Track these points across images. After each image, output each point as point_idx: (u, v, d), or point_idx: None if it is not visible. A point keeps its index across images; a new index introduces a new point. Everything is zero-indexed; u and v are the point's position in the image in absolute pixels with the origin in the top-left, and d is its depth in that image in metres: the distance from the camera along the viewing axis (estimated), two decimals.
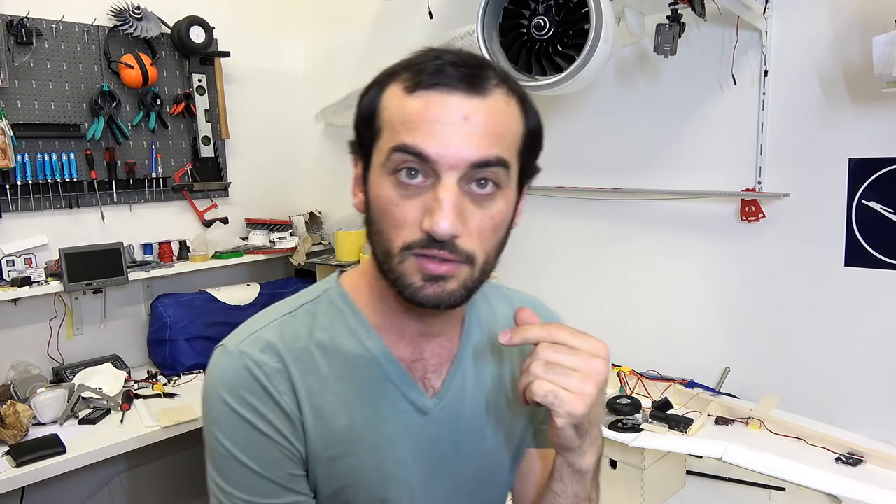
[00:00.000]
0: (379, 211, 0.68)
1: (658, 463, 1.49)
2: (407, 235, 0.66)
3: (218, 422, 0.72)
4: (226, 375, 0.73)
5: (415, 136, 0.64)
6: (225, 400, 0.72)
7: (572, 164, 2.16)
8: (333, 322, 0.77)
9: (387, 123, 0.68)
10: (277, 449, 0.72)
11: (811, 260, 1.68)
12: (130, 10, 2.38)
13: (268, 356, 0.73)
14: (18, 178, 2.19)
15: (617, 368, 1.81)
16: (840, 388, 1.66)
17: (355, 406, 0.75)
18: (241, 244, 2.69)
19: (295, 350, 0.74)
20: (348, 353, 0.75)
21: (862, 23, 1.53)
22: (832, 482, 1.24)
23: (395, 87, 0.68)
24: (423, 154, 0.64)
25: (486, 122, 0.65)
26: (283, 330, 0.75)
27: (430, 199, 0.65)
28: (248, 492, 0.72)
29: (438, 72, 0.65)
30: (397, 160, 0.65)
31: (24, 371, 2.19)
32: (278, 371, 0.73)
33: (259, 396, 0.72)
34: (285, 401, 0.72)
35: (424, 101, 0.65)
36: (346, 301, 0.78)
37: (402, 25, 2.53)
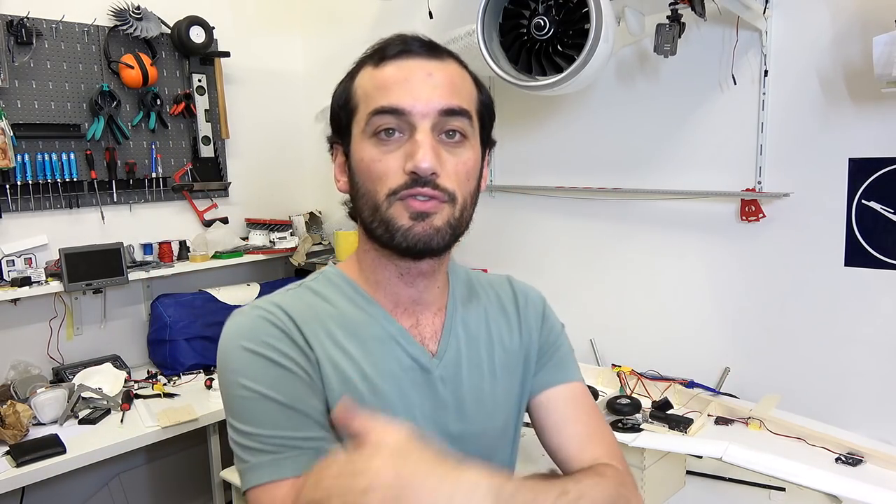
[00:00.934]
0: (363, 173, 0.76)
1: (658, 463, 1.49)
2: (391, 182, 0.74)
3: (240, 370, 0.74)
4: (242, 328, 0.77)
5: (388, 96, 0.74)
6: (245, 347, 0.75)
7: (572, 164, 2.16)
8: (333, 293, 0.83)
9: (361, 97, 0.77)
10: (303, 383, 0.75)
11: (811, 260, 1.68)
12: (130, 10, 2.38)
13: (280, 311, 0.78)
14: (18, 178, 2.19)
15: (617, 368, 1.81)
16: (840, 388, 1.66)
17: (365, 361, 0.78)
18: (241, 244, 2.69)
19: (302, 312, 0.79)
20: (351, 316, 0.81)
21: (862, 23, 1.53)
22: (832, 482, 1.24)
23: (364, 69, 0.79)
24: (398, 108, 0.73)
25: (447, 78, 0.76)
26: (288, 298, 0.81)
27: (410, 147, 0.73)
28: (280, 426, 0.72)
29: (401, 44, 0.77)
30: (376, 123, 0.74)
31: (24, 371, 2.19)
32: (291, 321, 0.77)
33: (278, 338, 0.75)
34: (302, 342, 0.76)
35: (392, 68, 0.76)
36: (342, 277, 0.85)
37: (402, 25, 2.51)
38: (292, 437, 0.72)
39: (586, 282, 2.17)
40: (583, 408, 0.91)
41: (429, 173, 0.72)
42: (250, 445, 0.72)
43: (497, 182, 2.39)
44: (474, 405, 0.84)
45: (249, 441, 0.72)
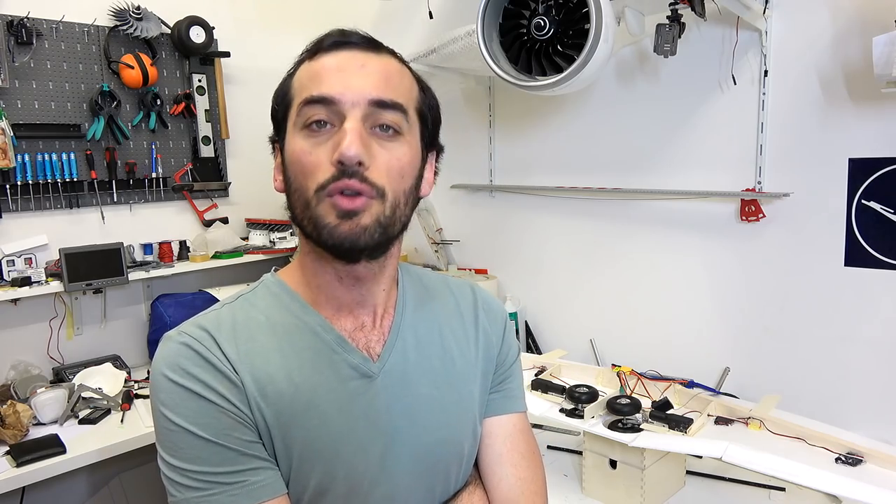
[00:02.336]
0: (294, 166, 0.74)
1: (658, 463, 1.49)
2: (320, 176, 0.71)
3: (165, 401, 0.73)
4: (167, 356, 0.75)
5: (319, 85, 0.73)
6: (168, 377, 0.73)
7: (572, 164, 2.17)
8: (269, 304, 0.81)
9: (296, 90, 0.76)
10: (227, 415, 0.73)
11: (811, 260, 1.68)
12: (130, 10, 2.38)
13: (205, 334, 0.76)
14: (18, 178, 2.19)
15: (617, 368, 1.81)
16: (840, 388, 1.66)
17: (297, 374, 0.76)
18: (241, 244, 2.69)
19: (233, 329, 0.77)
20: (286, 327, 0.79)
21: (862, 23, 1.53)
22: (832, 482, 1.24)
23: (301, 64, 0.78)
24: (328, 97, 0.72)
25: (381, 70, 0.75)
26: (219, 315, 0.79)
27: (338, 136, 0.71)
28: (206, 463, 0.71)
29: (338, 36, 0.76)
30: (307, 114, 0.73)
31: (24, 371, 2.19)
32: (216, 345, 0.75)
33: (201, 366, 0.73)
34: (227, 368, 0.74)
35: (327, 58, 0.75)
36: (280, 285, 0.82)
37: (402, 25, 2.53)
38: (217, 473, 0.71)
39: (586, 281, 2.17)
40: (519, 448, 0.90)
41: (354, 161, 0.70)
42: (177, 480, 0.72)
43: (497, 182, 2.39)
44: (426, 414, 0.81)
45: (176, 475, 0.72)
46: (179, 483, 0.72)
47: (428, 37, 2.27)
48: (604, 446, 1.51)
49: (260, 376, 0.75)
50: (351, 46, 0.75)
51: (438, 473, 0.84)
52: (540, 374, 1.74)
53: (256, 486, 0.72)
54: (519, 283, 2.37)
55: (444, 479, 0.85)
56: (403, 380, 0.80)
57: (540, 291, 2.31)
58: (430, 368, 0.83)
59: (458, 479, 0.87)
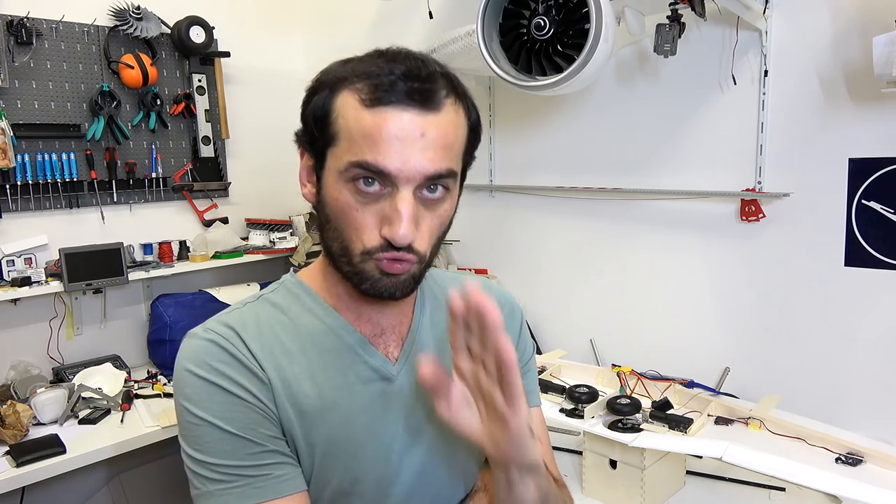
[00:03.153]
0: (338, 213, 0.73)
1: (658, 463, 1.49)
2: (366, 241, 0.72)
3: (190, 396, 0.74)
4: (193, 352, 0.76)
5: (375, 153, 0.68)
6: (194, 372, 0.74)
7: (572, 164, 2.16)
8: (291, 305, 0.82)
9: (344, 132, 0.71)
10: (253, 410, 0.74)
11: (811, 260, 1.68)
12: (130, 10, 2.38)
13: (231, 331, 0.77)
14: (18, 178, 2.19)
15: (617, 368, 1.81)
16: (840, 388, 1.66)
17: (321, 375, 0.77)
18: (241, 244, 2.69)
19: (257, 327, 0.78)
20: (308, 328, 0.80)
21: (862, 23, 1.53)
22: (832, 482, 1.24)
23: (350, 96, 0.71)
24: (384, 171, 0.69)
25: (439, 137, 0.71)
26: (243, 314, 0.80)
27: (389, 209, 0.70)
28: (230, 456, 0.72)
29: (393, 87, 0.69)
30: (355, 173, 0.70)
31: (24, 371, 2.19)
32: (242, 342, 0.76)
33: (227, 363, 0.74)
34: (254, 364, 0.75)
35: (383, 118, 0.69)
36: (302, 287, 0.83)
37: (402, 25, 2.53)
38: (241, 467, 0.72)
39: (586, 282, 2.17)
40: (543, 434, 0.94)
41: (405, 245, 0.70)
42: (201, 473, 0.73)
43: (497, 182, 2.39)
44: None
45: (200, 468, 0.73)
46: (204, 476, 0.73)
47: (428, 37, 2.27)
48: (604, 446, 1.51)
49: (285, 375, 0.76)
50: (409, 104, 0.69)
51: (456, 473, 0.86)
52: (540, 374, 1.74)
53: (280, 480, 0.74)
54: (519, 283, 2.37)
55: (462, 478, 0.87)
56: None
57: (540, 291, 2.31)
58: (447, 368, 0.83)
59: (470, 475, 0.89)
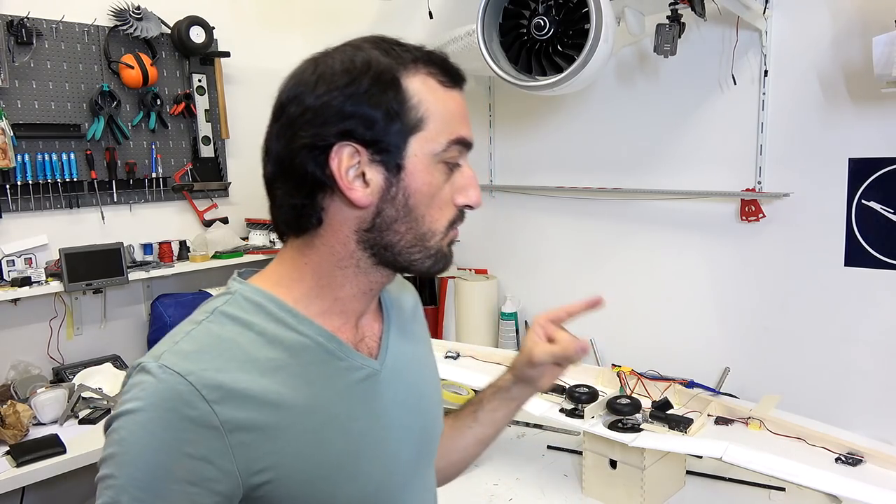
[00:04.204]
0: (427, 198, 0.72)
1: (658, 463, 1.49)
2: (449, 213, 0.75)
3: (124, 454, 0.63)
4: (153, 426, 0.62)
5: (465, 129, 0.74)
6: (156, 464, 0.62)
7: (572, 164, 2.17)
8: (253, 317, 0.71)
9: (433, 115, 0.71)
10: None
11: (811, 260, 1.68)
12: (130, 10, 2.38)
13: (194, 395, 0.63)
14: (18, 178, 2.19)
15: (617, 368, 1.81)
16: (840, 388, 1.66)
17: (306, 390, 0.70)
18: (241, 244, 2.69)
19: (217, 369, 0.65)
20: (282, 341, 0.70)
21: (862, 23, 1.53)
22: (832, 482, 1.24)
23: (425, 79, 0.71)
24: (471, 144, 0.75)
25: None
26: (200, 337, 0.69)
27: (463, 179, 0.75)
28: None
29: (457, 71, 0.74)
30: (453, 152, 0.73)
31: (24, 371, 2.19)
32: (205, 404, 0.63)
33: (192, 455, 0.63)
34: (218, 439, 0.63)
35: (459, 96, 0.74)
36: (262, 295, 0.72)
37: (402, 25, 2.53)
38: None
39: (586, 281, 2.17)
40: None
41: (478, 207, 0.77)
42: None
43: (497, 182, 2.39)
44: (419, 400, 0.85)
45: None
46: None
47: (428, 37, 2.27)
48: (604, 446, 1.51)
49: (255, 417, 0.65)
50: (462, 84, 0.76)
51: (433, 452, 0.90)
52: None
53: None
54: (519, 283, 2.37)
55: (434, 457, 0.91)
56: (399, 372, 0.82)
57: (540, 291, 2.31)
58: (412, 356, 0.87)
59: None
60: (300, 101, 0.70)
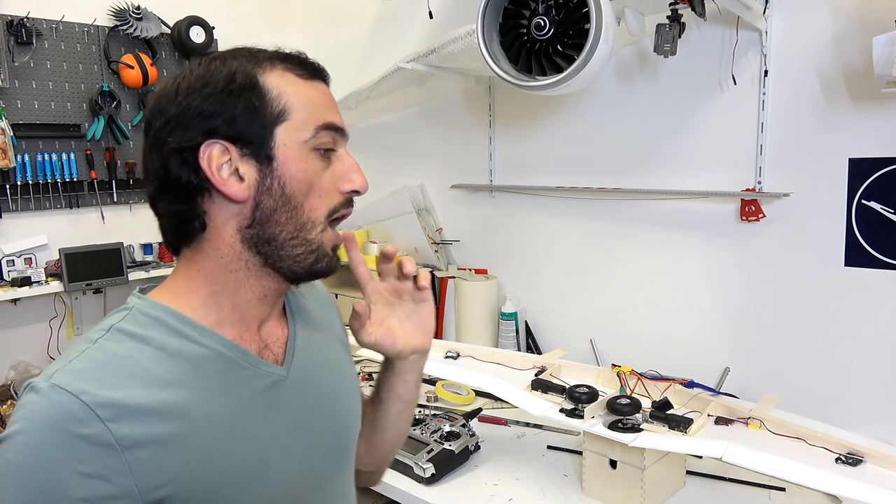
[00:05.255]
0: (303, 185, 0.73)
1: (658, 463, 1.49)
2: (330, 202, 0.75)
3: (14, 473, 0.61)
4: (45, 450, 0.60)
5: (332, 114, 0.76)
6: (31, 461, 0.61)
7: (572, 164, 2.16)
8: (151, 332, 0.70)
9: (295, 105, 0.73)
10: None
11: (811, 260, 1.68)
12: (130, 10, 2.39)
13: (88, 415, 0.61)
14: (18, 178, 2.19)
15: (617, 368, 1.81)
16: (840, 388, 1.66)
17: (209, 402, 0.69)
18: None
19: (117, 369, 0.65)
20: (182, 353, 0.70)
21: (862, 23, 1.53)
22: (832, 482, 1.24)
23: (284, 74, 0.74)
24: (341, 129, 0.77)
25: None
26: (95, 356, 0.66)
27: (341, 166, 0.77)
28: None
29: (312, 65, 0.78)
30: (323, 138, 0.75)
31: (24, 371, 2.19)
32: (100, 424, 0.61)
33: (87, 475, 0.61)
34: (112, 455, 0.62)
35: (319, 87, 0.78)
36: (161, 309, 0.72)
37: (402, 25, 2.53)
38: None
39: (586, 282, 2.17)
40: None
41: (364, 192, 0.78)
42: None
43: (497, 182, 2.39)
44: (333, 402, 0.85)
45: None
46: None
47: (428, 37, 2.27)
48: (604, 446, 1.51)
49: (158, 431, 0.64)
50: (323, 78, 0.80)
51: (349, 455, 0.89)
52: (540, 374, 1.74)
53: None
54: (519, 283, 2.37)
55: (349, 461, 0.90)
56: (307, 376, 0.81)
57: (540, 291, 2.31)
58: (322, 359, 0.87)
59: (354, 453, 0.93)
60: (163, 112, 0.72)
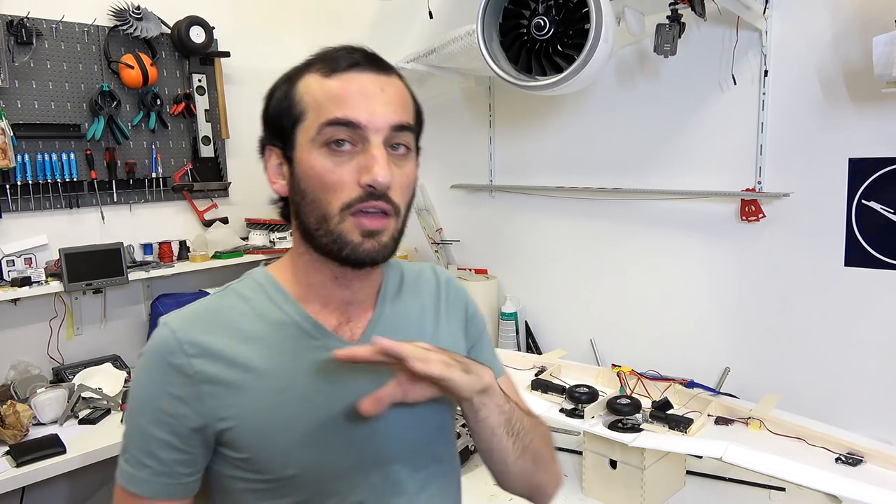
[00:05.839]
0: (313, 181, 0.77)
1: (658, 463, 1.49)
2: (345, 196, 0.76)
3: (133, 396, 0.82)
4: (148, 364, 0.81)
5: (344, 108, 0.76)
6: (141, 391, 0.81)
7: (572, 164, 2.17)
8: (255, 295, 0.85)
9: (310, 105, 0.78)
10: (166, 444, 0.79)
11: (811, 260, 1.68)
12: (130, 10, 2.38)
13: (180, 352, 0.79)
14: (18, 178, 2.19)
15: (617, 368, 1.81)
16: (840, 388, 1.66)
17: (277, 360, 0.81)
18: (241, 244, 2.69)
19: (214, 318, 0.82)
20: (268, 317, 0.83)
21: (862, 23, 1.53)
22: (832, 482, 1.24)
23: (311, 76, 0.79)
24: (354, 122, 0.75)
25: (396, 93, 0.79)
26: (207, 304, 0.85)
27: (365, 159, 0.76)
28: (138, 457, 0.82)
29: (349, 56, 0.78)
30: (328, 133, 0.76)
31: (24, 371, 2.19)
32: (185, 358, 0.78)
33: (171, 393, 0.78)
34: (190, 386, 0.78)
35: (345, 80, 0.77)
36: (266, 277, 0.87)
37: (402, 25, 2.53)
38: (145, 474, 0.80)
39: (586, 282, 2.18)
40: (514, 394, 0.99)
41: (386, 187, 0.76)
42: (124, 444, 0.82)
43: (497, 182, 2.39)
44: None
45: (125, 440, 0.82)
46: (124, 449, 0.82)
47: (428, 37, 2.27)
48: (604, 446, 1.51)
49: (226, 375, 0.79)
50: (365, 69, 0.78)
51: (418, 448, 0.89)
52: (540, 374, 1.74)
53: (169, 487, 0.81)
54: (519, 283, 2.37)
55: (424, 453, 0.90)
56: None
57: (540, 291, 2.31)
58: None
59: (442, 452, 0.93)
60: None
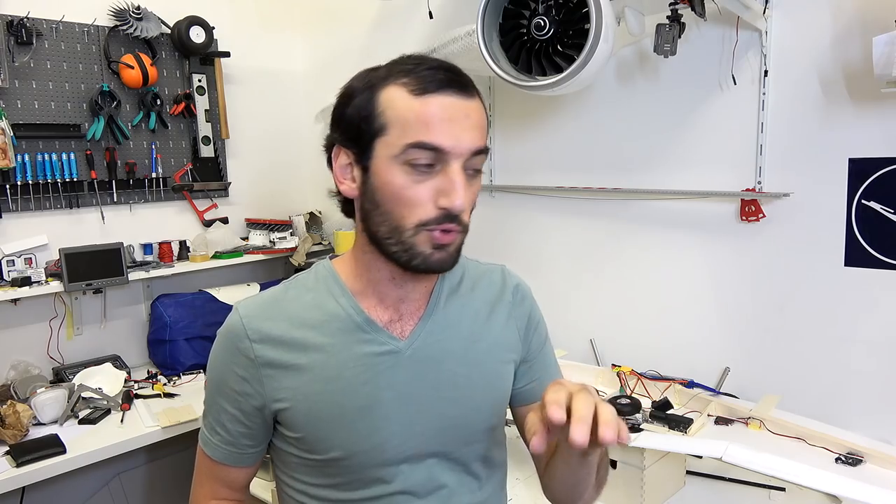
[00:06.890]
0: (390, 195, 0.80)
1: (658, 463, 1.49)
2: (422, 213, 0.80)
3: (211, 375, 0.94)
4: (221, 344, 0.91)
5: (430, 134, 0.78)
6: (216, 367, 0.92)
7: (572, 164, 2.16)
8: (316, 286, 0.92)
9: (394, 122, 0.79)
10: (235, 418, 0.91)
11: (811, 260, 1.68)
12: (130, 10, 2.38)
13: (244, 339, 0.88)
14: (18, 178, 2.19)
15: (617, 368, 1.81)
16: (840, 388, 1.66)
17: (329, 348, 0.87)
18: (241, 244, 2.69)
19: (277, 306, 0.90)
20: (325, 308, 0.89)
21: (862, 23, 1.53)
22: (832, 482, 1.24)
23: (397, 90, 0.80)
24: (440, 148, 0.78)
25: (478, 118, 0.82)
26: (275, 292, 0.93)
27: (444, 183, 0.79)
28: (214, 426, 0.95)
29: (436, 78, 0.79)
30: (413, 154, 0.78)
31: (24, 371, 2.19)
32: (248, 344, 0.88)
33: (237, 373, 0.89)
34: (253, 369, 0.88)
35: (433, 103, 0.78)
36: (329, 271, 0.93)
37: (402, 25, 2.53)
38: (216, 440, 0.94)
39: (586, 282, 2.17)
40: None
41: (461, 212, 0.80)
42: (204, 410, 0.95)
43: (497, 182, 2.39)
44: (451, 389, 0.89)
45: (204, 406, 0.95)
46: (204, 415, 0.96)
47: (428, 37, 2.27)
48: None
49: (285, 359, 0.87)
50: (454, 92, 0.79)
51: (462, 445, 0.92)
52: None
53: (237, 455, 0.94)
54: None
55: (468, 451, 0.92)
56: (430, 358, 0.89)
57: (540, 291, 2.28)
58: (457, 349, 0.91)
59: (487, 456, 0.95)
60: (332, 113, 0.87)
